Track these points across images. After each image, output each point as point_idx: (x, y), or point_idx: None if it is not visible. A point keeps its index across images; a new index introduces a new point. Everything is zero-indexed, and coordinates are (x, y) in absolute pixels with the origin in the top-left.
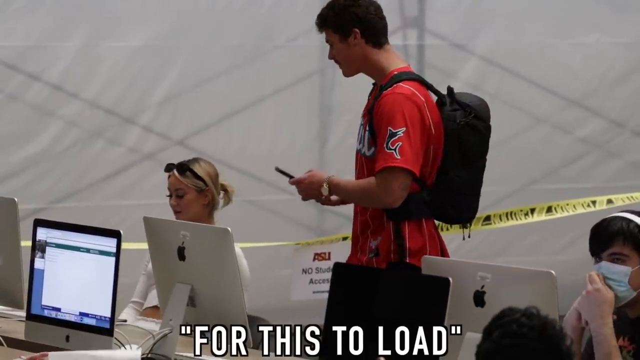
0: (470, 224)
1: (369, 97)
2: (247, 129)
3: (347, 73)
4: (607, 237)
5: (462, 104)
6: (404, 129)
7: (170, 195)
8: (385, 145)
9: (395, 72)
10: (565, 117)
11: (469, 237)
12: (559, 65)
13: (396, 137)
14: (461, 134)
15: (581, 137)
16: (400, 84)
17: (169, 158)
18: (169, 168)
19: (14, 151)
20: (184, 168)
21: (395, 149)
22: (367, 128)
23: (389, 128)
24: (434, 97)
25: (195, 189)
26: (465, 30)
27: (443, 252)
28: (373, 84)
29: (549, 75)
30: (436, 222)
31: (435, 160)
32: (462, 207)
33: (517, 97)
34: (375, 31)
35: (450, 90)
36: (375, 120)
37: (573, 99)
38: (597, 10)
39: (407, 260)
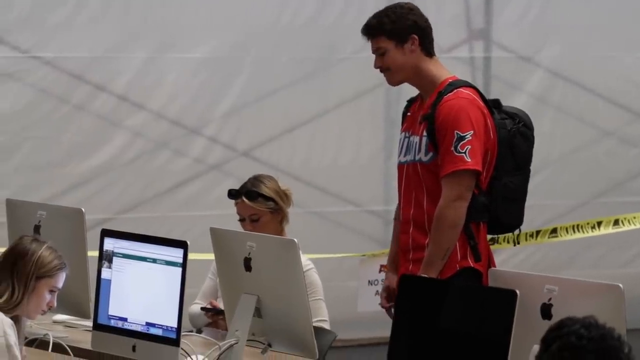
0: (520, 231)
1: (406, 110)
2: (311, 141)
3: (395, 81)
4: None
5: (510, 113)
6: (472, 132)
7: (243, 219)
8: (453, 149)
9: (451, 80)
10: (631, 130)
11: (518, 243)
12: (624, 78)
13: (465, 141)
14: (514, 140)
15: None
16: (461, 89)
17: (234, 169)
18: (235, 195)
19: (80, 161)
20: (253, 194)
21: (465, 152)
22: (425, 134)
23: (457, 132)
24: None
25: (269, 211)
26: (531, 43)
27: (491, 258)
28: (416, 95)
29: (614, 88)
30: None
31: (490, 165)
32: (513, 213)
33: (583, 109)
34: (430, 40)
35: (497, 101)
36: (438, 125)
37: (638, 112)
38: None
39: (474, 265)
